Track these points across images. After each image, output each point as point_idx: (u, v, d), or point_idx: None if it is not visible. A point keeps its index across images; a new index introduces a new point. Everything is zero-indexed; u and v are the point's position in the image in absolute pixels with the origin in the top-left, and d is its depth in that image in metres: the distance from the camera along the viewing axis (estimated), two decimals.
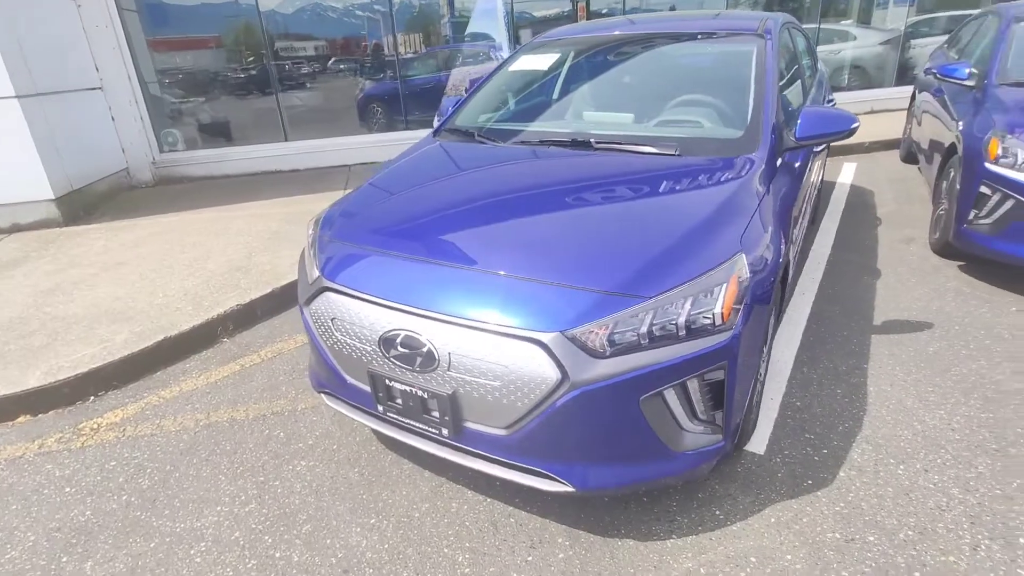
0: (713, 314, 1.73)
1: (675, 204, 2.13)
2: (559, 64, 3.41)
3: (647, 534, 2.00)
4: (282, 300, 3.81)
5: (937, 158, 4.39)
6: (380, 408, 2.04)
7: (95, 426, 2.76)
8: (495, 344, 1.74)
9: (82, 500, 2.32)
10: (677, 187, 2.21)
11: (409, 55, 7.69)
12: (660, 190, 2.21)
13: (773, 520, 2.03)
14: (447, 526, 2.09)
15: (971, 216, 3.56)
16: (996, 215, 3.43)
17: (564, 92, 3.33)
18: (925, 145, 5.02)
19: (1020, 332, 3.07)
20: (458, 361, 1.79)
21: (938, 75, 4.46)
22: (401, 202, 2.49)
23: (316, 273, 2.18)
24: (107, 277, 4.10)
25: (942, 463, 2.23)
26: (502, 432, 1.83)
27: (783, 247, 2.13)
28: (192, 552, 2.05)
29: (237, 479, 2.37)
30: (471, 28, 7.46)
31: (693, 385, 1.78)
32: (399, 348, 1.89)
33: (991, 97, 3.88)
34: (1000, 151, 3.38)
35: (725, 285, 1.77)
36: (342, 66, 7.75)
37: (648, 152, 2.47)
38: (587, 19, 7.84)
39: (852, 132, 2.50)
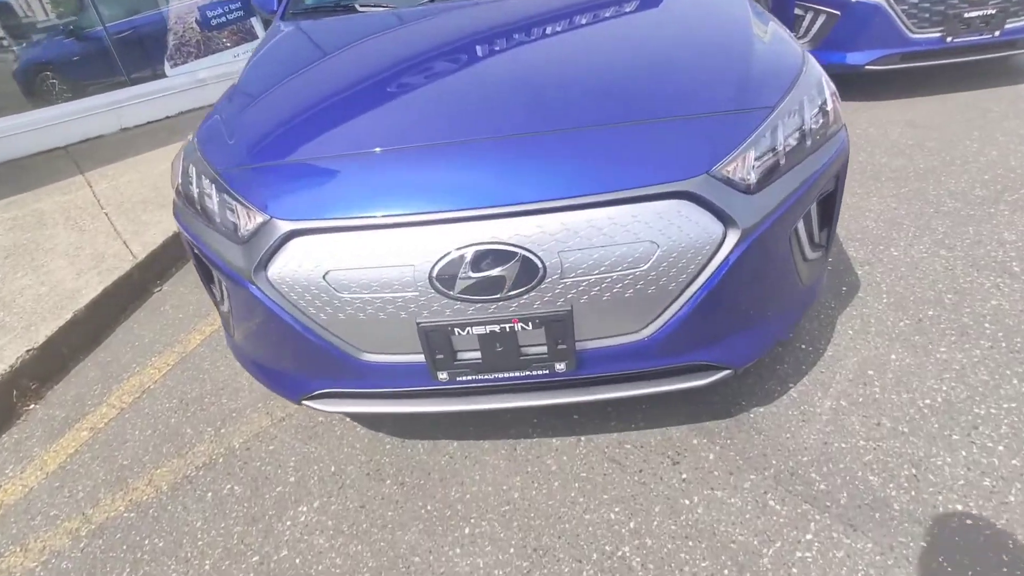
0: (827, 111, 1.46)
1: (695, 19, 1.78)
2: None
3: (768, 399, 1.77)
4: (95, 325, 2.58)
5: None
6: (443, 376, 1.40)
7: None
8: (622, 217, 1.24)
9: None
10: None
11: None
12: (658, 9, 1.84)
13: (851, 333, 1.97)
14: (564, 490, 1.59)
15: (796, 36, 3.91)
16: (812, 32, 3.81)
17: None
18: None
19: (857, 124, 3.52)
20: (574, 260, 1.25)
21: None
22: (351, 89, 1.73)
23: (260, 219, 1.36)
24: None
25: (911, 238, 2.42)
26: (638, 336, 1.37)
27: None
28: None
29: (225, 560, 1.50)
30: None
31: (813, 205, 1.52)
32: (471, 274, 1.26)
33: None
34: None
35: (823, 77, 1.52)
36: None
37: None
38: None
39: None
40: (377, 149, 1.41)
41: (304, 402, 1.57)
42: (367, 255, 1.29)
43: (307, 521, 1.61)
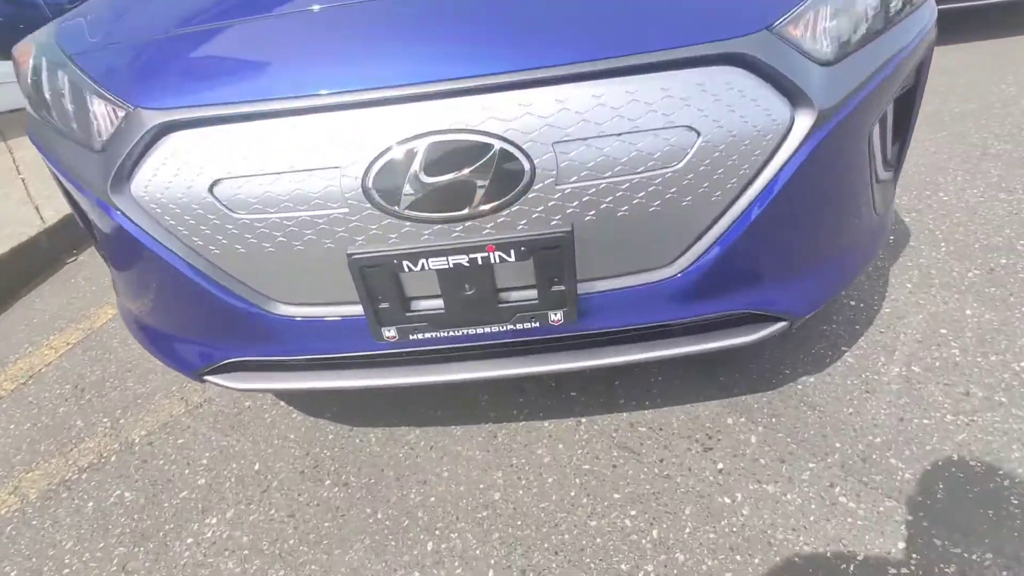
0: None
1: None
2: None
3: (819, 367, 1.39)
4: None
5: None
6: (390, 334, 0.99)
7: None
8: (646, 92, 0.84)
9: None
10: None
11: None
12: None
13: (909, 287, 1.60)
14: (561, 488, 1.19)
15: None
16: None
17: None
18: None
19: None
20: (576, 157, 0.85)
21: None
22: None
23: (121, 112, 0.93)
24: None
25: (962, 183, 2.05)
26: (666, 273, 0.98)
27: None
28: None
29: None
30: None
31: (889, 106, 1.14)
32: (424, 179, 0.85)
33: None
34: None
35: None
36: None
37: None
38: None
39: None
40: (295, 9, 0.99)
41: (206, 378, 1.15)
42: (272, 155, 0.88)
43: (215, 537, 1.19)
